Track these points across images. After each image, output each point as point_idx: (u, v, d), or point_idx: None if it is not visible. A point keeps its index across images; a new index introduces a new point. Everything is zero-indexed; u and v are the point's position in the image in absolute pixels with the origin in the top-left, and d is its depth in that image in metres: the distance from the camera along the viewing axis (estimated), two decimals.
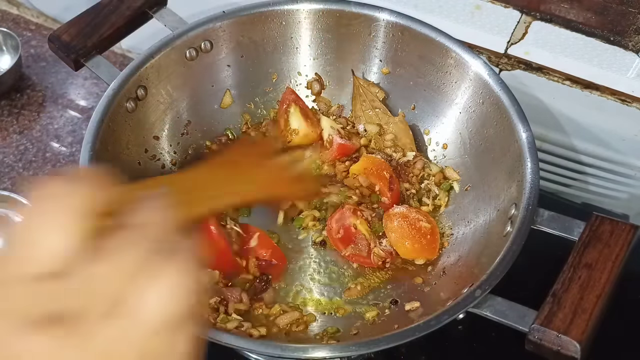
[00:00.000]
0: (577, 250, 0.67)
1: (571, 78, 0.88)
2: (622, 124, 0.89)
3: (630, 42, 0.82)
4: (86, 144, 0.75)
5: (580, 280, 0.65)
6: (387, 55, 0.91)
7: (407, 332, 0.65)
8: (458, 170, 0.88)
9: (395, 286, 0.82)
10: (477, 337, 0.83)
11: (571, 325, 0.62)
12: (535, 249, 0.69)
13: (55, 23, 1.20)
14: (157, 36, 0.85)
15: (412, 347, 0.82)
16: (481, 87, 0.83)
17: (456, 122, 0.89)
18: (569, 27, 0.84)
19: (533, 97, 0.92)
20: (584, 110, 0.91)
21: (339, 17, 0.90)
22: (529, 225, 0.70)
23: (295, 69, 0.95)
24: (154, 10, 0.87)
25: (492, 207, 0.80)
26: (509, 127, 0.79)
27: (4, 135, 1.04)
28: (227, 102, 0.94)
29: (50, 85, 1.10)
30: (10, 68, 1.06)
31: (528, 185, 0.73)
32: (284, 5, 0.90)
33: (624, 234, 0.68)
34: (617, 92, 0.86)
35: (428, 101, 0.91)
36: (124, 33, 0.86)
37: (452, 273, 0.80)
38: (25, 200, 0.92)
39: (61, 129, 1.05)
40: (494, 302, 0.66)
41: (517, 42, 0.88)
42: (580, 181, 0.99)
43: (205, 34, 0.87)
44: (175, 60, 0.86)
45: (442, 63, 0.86)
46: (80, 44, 0.83)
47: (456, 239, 0.84)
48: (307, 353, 0.65)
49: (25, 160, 1.01)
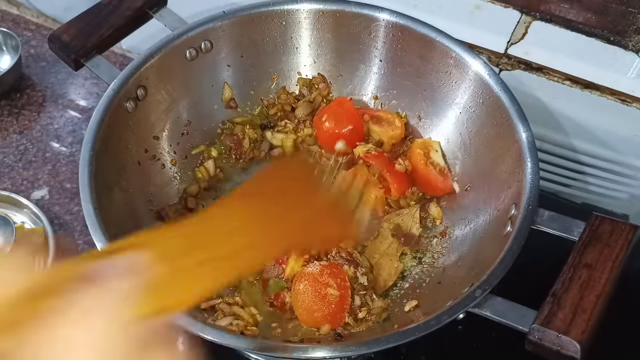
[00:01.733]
0: (577, 250, 0.67)
1: (571, 78, 0.88)
2: (622, 124, 0.89)
3: (630, 42, 0.82)
4: (86, 144, 0.75)
5: (580, 280, 0.65)
6: (387, 55, 0.91)
7: (407, 332, 0.65)
8: (442, 207, 0.88)
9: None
10: (477, 337, 0.83)
11: (571, 325, 0.62)
12: (535, 249, 0.69)
13: (55, 23, 1.20)
14: (157, 36, 0.85)
15: (412, 347, 0.82)
16: (481, 87, 0.83)
17: (456, 122, 0.89)
18: (569, 27, 0.84)
19: (533, 97, 0.92)
20: (584, 110, 0.90)
21: (339, 17, 0.90)
22: (529, 225, 0.70)
23: (295, 69, 0.95)
24: (154, 10, 0.87)
25: (492, 207, 0.80)
26: (509, 127, 0.79)
27: (4, 135, 1.04)
28: (228, 97, 0.94)
29: (50, 85, 1.10)
30: (10, 68, 1.06)
31: (528, 185, 0.73)
32: (284, 5, 0.90)
33: (624, 234, 0.68)
34: (617, 92, 0.86)
35: (428, 101, 0.91)
36: (124, 33, 0.86)
37: (452, 273, 0.80)
38: (25, 200, 0.92)
39: (61, 129, 1.05)
40: (494, 302, 0.66)
41: (517, 42, 0.88)
42: (580, 181, 0.99)
43: (205, 34, 0.87)
44: (175, 60, 0.86)
45: (442, 63, 0.86)
46: (80, 44, 0.83)
47: (456, 239, 0.84)
48: (307, 353, 0.64)
49: (25, 160, 1.01)
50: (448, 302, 0.69)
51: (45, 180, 0.99)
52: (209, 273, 0.34)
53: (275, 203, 0.41)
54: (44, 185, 0.98)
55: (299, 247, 0.59)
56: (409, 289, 0.81)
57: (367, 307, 0.78)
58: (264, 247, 0.40)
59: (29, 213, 0.93)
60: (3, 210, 0.93)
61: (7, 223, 0.89)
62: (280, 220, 0.40)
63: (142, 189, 0.84)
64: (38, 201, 0.96)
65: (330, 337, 0.76)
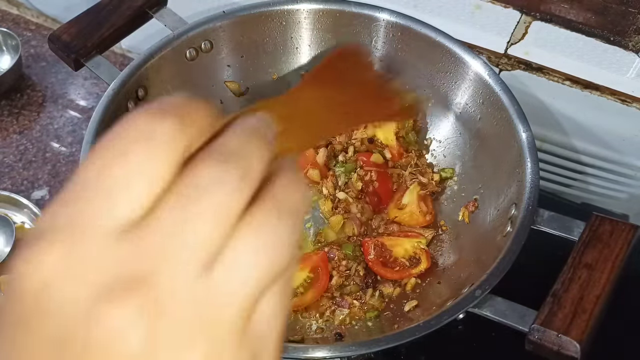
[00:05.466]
0: (577, 250, 0.67)
1: (571, 78, 0.88)
2: (622, 124, 0.89)
3: (630, 42, 0.82)
4: (86, 144, 0.75)
5: (580, 280, 0.65)
6: (387, 55, 0.91)
7: (407, 332, 0.65)
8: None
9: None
10: (477, 337, 0.83)
11: (571, 325, 0.62)
12: (535, 249, 0.69)
13: (55, 23, 1.20)
14: (157, 36, 0.85)
15: (412, 347, 0.82)
16: (481, 87, 0.83)
17: (456, 122, 0.88)
18: (569, 27, 0.84)
19: (533, 97, 0.92)
20: (584, 110, 0.90)
21: (339, 17, 0.90)
22: (529, 225, 0.70)
23: (295, 69, 0.95)
24: (154, 10, 0.87)
25: (492, 207, 0.80)
26: (509, 127, 0.79)
27: (4, 135, 1.04)
28: (236, 89, 0.94)
29: (50, 85, 1.10)
30: (10, 68, 1.06)
31: (528, 185, 0.73)
32: (284, 5, 0.90)
33: (624, 234, 0.68)
34: (617, 92, 0.86)
35: (428, 101, 0.91)
36: (124, 33, 0.86)
37: (452, 273, 0.80)
38: (25, 200, 0.92)
39: (61, 129, 1.05)
40: (494, 302, 0.66)
41: (517, 42, 0.88)
42: (580, 181, 0.99)
43: (205, 34, 0.87)
44: (175, 60, 0.86)
45: (442, 63, 0.86)
46: (80, 44, 0.83)
47: (456, 238, 0.84)
48: (307, 353, 0.64)
49: (25, 160, 1.01)
50: (448, 302, 0.69)
51: (45, 180, 0.99)
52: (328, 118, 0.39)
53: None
54: (44, 185, 0.98)
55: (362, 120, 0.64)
56: (408, 289, 0.81)
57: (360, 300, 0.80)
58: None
59: (29, 213, 0.93)
60: (3, 210, 0.93)
61: (7, 223, 0.89)
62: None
63: None
64: (38, 201, 0.96)
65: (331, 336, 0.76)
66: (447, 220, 0.87)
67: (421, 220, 0.85)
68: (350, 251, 0.82)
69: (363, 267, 0.82)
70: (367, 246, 0.82)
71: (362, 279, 0.81)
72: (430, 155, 0.91)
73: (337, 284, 0.80)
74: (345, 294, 0.80)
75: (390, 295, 0.80)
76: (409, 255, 0.82)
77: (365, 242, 0.83)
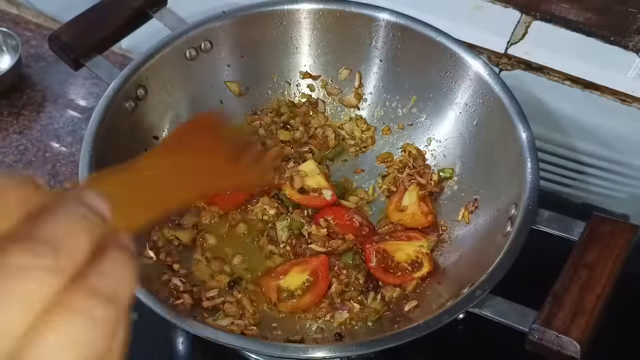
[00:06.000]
0: (577, 250, 0.67)
1: (571, 78, 0.88)
2: (622, 124, 0.89)
3: (630, 42, 0.82)
4: (86, 144, 0.75)
5: (580, 280, 0.65)
6: (387, 55, 0.91)
7: (407, 332, 0.65)
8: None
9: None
10: (477, 337, 0.83)
11: (571, 325, 0.62)
12: (535, 249, 0.69)
13: (55, 23, 1.20)
14: (157, 36, 0.85)
15: (412, 347, 0.82)
16: (481, 87, 0.83)
17: (456, 122, 0.88)
18: (569, 27, 0.84)
19: (533, 97, 0.92)
20: (584, 110, 0.90)
21: (339, 17, 0.90)
22: (529, 225, 0.70)
23: (295, 69, 0.95)
24: (154, 10, 0.87)
25: (492, 207, 0.80)
26: (509, 127, 0.79)
27: (4, 135, 1.04)
28: (237, 90, 0.94)
29: (50, 85, 1.10)
30: (10, 68, 1.06)
31: (528, 185, 0.73)
32: (284, 5, 0.90)
33: (624, 234, 0.68)
34: (617, 92, 0.86)
35: (428, 101, 0.91)
36: (124, 33, 0.86)
37: (452, 273, 0.80)
38: None
39: (61, 129, 1.05)
40: (494, 302, 0.66)
41: (517, 42, 0.88)
42: (580, 181, 0.99)
43: (205, 34, 0.87)
44: (175, 60, 0.86)
45: (442, 63, 0.86)
46: (80, 44, 0.83)
47: (456, 238, 0.84)
48: (307, 353, 0.64)
49: (25, 160, 1.01)
50: (448, 302, 0.69)
51: (45, 180, 0.99)
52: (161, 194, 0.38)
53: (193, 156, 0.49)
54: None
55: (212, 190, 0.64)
56: (409, 289, 0.81)
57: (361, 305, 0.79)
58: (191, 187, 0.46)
59: None
60: None
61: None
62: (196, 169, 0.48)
63: None
64: None
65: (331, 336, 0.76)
66: (447, 220, 0.87)
67: (423, 221, 0.85)
68: (350, 260, 0.82)
69: (363, 275, 0.81)
70: (369, 253, 0.82)
71: (363, 284, 0.81)
72: (430, 155, 0.91)
73: (337, 291, 0.80)
74: (345, 300, 0.80)
75: (391, 298, 0.80)
76: (411, 260, 0.82)
77: (367, 249, 0.82)
